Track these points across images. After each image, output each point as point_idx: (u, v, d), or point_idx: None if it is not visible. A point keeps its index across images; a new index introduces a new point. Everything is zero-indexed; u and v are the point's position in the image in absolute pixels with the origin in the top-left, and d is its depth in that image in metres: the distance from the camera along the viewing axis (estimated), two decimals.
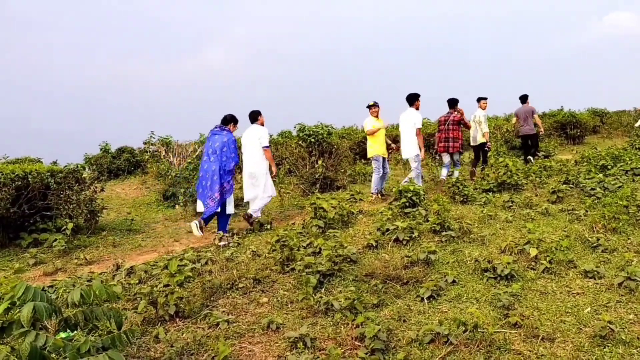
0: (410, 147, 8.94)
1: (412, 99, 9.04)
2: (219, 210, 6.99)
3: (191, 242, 7.28)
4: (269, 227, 7.24)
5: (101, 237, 7.79)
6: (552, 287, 4.46)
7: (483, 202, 7.80)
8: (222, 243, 6.51)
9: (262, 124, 7.80)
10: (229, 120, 7.35)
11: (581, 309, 3.97)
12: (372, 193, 9.02)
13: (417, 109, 9.07)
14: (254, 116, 7.76)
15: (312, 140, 10.60)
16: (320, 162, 10.25)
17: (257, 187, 7.58)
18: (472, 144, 10.88)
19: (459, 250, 5.58)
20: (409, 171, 9.94)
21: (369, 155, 9.18)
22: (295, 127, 10.97)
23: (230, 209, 7.16)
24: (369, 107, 9.13)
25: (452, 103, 9.90)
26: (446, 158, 9.89)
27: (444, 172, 9.81)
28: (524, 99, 12.10)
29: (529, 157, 11.68)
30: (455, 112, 9.75)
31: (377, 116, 9.06)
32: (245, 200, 7.93)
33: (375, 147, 8.98)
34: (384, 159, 9.05)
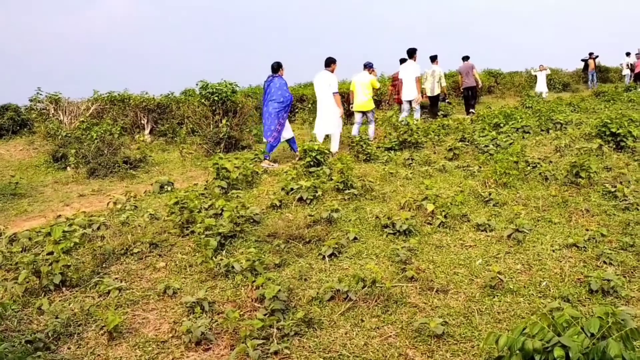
0: (411, 92, 11.03)
1: (412, 53, 11.10)
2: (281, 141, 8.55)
3: (83, 206, 6.79)
4: None
5: None
6: (447, 240, 4.64)
7: (385, 160, 7.94)
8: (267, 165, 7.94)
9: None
10: (277, 68, 8.49)
11: (473, 261, 4.17)
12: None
13: (415, 60, 11.15)
14: (328, 62, 8.78)
15: (216, 98, 10.19)
16: (224, 121, 9.91)
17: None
18: (429, 94, 13.20)
19: (361, 207, 5.64)
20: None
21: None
22: (197, 85, 10.46)
23: (289, 133, 8.69)
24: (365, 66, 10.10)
25: (404, 61, 11.49)
26: (406, 106, 11.53)
27: (401, 116, 10.99)
28: (465, 58, 14.17)
29: (471, 110, 13.81)
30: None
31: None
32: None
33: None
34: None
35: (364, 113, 9.87)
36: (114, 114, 12.31)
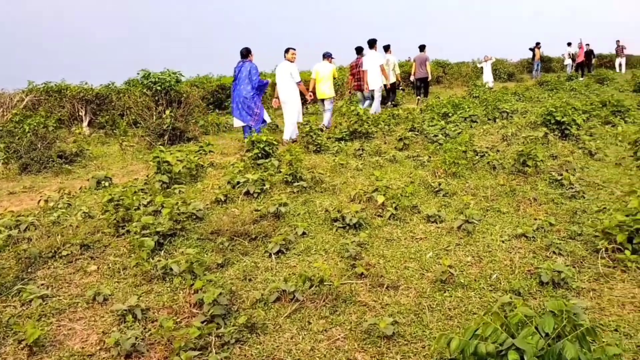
0: (376, 80, 11.28)
1: (373, 43, 11.46)
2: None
3: (13, 204, 6.30)
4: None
5: None
6: (398, 233, 4.51)
7: (335, 151, 7.78)
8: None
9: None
10: (246, 54, 8.55)
11: (424, 254, 4.05)
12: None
13: (376, 50, 11.59)
14: (286, 52, 8.95)
15: (159, 88, 9.74)
16: (167, 112, 9.49)
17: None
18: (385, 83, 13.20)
19: (310, 200, 5.45)
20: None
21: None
22: (138, 74, 9.96)
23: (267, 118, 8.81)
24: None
25: (360, 50, 11.68)
26: (359, 95, 12.03)
27: (365, 104, 11.62)
28: (421, 48, 14.35)
29: (420, 97, 14.31)
30: (363, 57, 11.38)
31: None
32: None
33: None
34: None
35: (323, 100, 10.32)
36: (50, 105, 11.61)
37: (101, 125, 11.69)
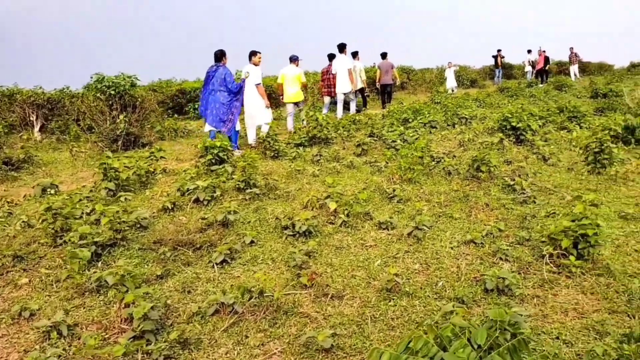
0: (345, 84, 11.61)
1: (343, 48, 11.72)
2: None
3: None
4: None
5: None
6: (348, 241, 4.42)
7: (293, 156, 7.67)
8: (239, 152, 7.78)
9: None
10: (220, 57, 8.22)
11: (372, 262, 3.97)
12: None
13: (346, 54, 11.86)
14: (250, 55, 8.75)
15: (113, 92, 9.46)
16: (121, 117, 9.21)
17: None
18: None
19: (262, 208, 5.32)
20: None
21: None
22: (92, 78, 9.65)
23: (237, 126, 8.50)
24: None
25: (332, 56, 12.10)
26: (327, 100, 12.51)
27: (324, 111, 11.99)
28: (384, 55, 14.69)
29: (386, 104, 14.41)
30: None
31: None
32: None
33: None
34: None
35: (295, 104, 10.40)
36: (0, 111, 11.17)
37: (53, 131, 11.29)
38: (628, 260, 3.89)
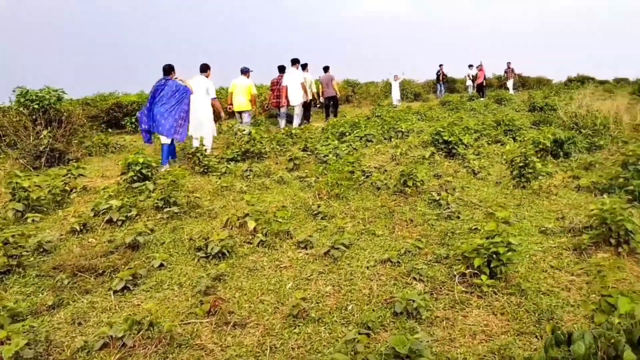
0: (297, 96, 12.20)
1: (295, 61, 12.37)
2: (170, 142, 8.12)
3: None
4: None
5: None
6: (263, 262, 4.23)
7: (223, 172, 7.43)
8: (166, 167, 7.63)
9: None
10: (168, 70, 8.14)
11: (284, 285, 3.78)
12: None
13: (298, 68, 12.43)
14: (203, 68, 9.07)
15: (36, 106, 8.98)
16: (45, 132, 8.73)
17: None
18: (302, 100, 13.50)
19: (180, 227, 5.06)
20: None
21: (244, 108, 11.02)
22: (14, 92, 9.15)
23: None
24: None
25: (283, 68, 12.58)
26: (284, 110, 12.66)
27: (282, 124, 12.61)
28: (326, 69, 15.00)
29: (330, 117, 14.75)
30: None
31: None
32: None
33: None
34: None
35: (240, 113, 11.10)
36: None
37: None
38: (543, 277, 3.87)
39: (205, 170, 7.51)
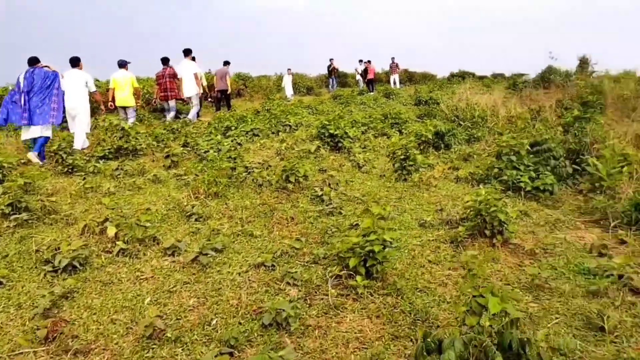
0: (191, 88, 11.64)
1: (187, 52, 11.89)
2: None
3: None
4: None
5: None
6: (121, 273, 3.74)
7: (91, 171, 6.71)
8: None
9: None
10: (35, 61, 7.62)
11: (142, 300, 3.35)
12: None
13: (190, 59, 11.89)
14: (74, 61, 8.44)
15: None
16: None
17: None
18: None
19: (30, 237, 4.40)
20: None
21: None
22: None
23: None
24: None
25: (166, 60, 11.67)
26: (172, 103, 11.75)
27: (171, 115, 11.74)
28: (225, 63, 15.07)
29: (221, 110, 14.54)
30: (169, 68, 11.46)
31: None
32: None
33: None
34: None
35: (124, 109, 10.37)
36: None
37: None
38: (420, 273, 3.78)
39: (70, 170, 6.74)
